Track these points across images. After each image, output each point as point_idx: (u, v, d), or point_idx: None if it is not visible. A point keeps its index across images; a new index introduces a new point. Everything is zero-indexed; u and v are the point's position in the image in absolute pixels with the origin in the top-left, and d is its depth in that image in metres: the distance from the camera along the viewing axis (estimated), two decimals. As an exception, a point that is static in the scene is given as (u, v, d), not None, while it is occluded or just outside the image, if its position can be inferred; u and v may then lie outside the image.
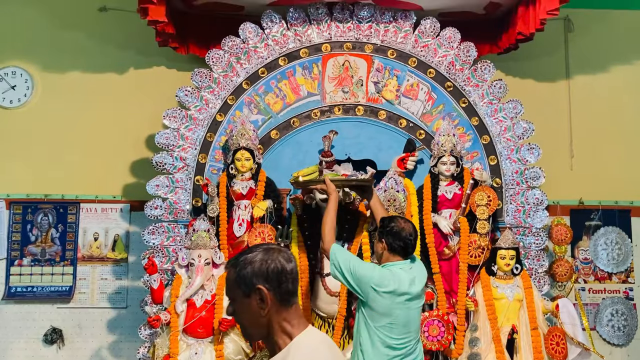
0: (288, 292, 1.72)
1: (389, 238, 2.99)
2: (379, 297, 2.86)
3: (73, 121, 4.57)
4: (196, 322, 3.44)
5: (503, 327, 3.59)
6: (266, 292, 1.69)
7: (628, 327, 4.63)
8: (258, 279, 1.69)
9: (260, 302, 1.69)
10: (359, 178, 3.49)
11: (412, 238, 3.01)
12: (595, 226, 4.70)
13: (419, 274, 3.01)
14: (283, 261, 1.72)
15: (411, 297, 2.92)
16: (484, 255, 3.75)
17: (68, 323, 4.39)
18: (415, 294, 2.94)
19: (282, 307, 1.71)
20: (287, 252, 1.76)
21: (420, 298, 3.00)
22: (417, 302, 2.96)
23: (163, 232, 3.86)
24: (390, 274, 2.92)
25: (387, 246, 3.00)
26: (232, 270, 1.73)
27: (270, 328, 1.70)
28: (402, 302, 2.89)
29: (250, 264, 1.70)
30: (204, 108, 3.96)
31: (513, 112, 4.02)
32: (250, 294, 1.69)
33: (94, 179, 4.53)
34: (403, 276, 2.92)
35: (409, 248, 3.01)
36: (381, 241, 3.04)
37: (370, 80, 4.05)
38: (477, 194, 3.79)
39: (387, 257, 3.01)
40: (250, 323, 1.73)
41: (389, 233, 3.00)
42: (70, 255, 4.45)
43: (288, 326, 1.70)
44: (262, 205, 3.71)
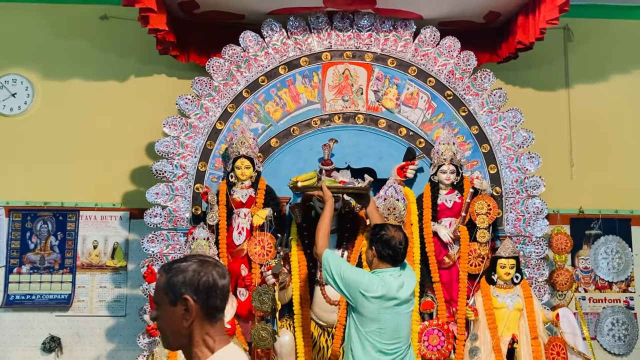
0: (215, 307, 1.72)
1: (378, 246, 3.02)
2: (367, 302, 2.90)
3: (73, 129, 4.57)
4: (195, 331, 3.42)
5: (503, 337, 3.58)
6: (192, 303, 1.69)
7: (629, 336, 4.61)
8: (187, 289, 1.69)
9: (185, 312, 1.69)
10: (356, 186, 3.51)
11: (402, 247, 3.03)
12: (595, 235, 4.70)
13: (407, 279, 3.04)
14: (216, 276, 1.71)
15: (400, 302, 2.95)
16: (484, 264, 3.74)
17: (66, 331, 4.38)
18: (404, 299, 2.97)
19: (207, 321, 1.71)
20: (223, 268, 1.75)
21: (409, 303, 3.02)
22: (406, 306, 2.99)
23: (162, 240, 3.85)
24: (379, 279, 2.96)
25: (376, 254, 3.03)
26: (163, 276, 1.73)
27: (191, 339, 1.70)
28: (390, 307, 2.92)
29: (182, 273, 1.70)
30: (204, 116, 3.96)
31: (513, 121, 4.03)
32: (176, 302, 1.70)
33: (94, 187, 4.52)
34: (392, 282, 2.95)
35: (398, 256, 3.03)
36: (371, 248, 3.07)
37: (370, 88, 4.06)
38: (477, 203, 3.78)
39: (376, 264, 3.05)
40: (171, 331, 1.73)
41: (379, 241, 3.03)
42: (69, 263, 4.44)
43: (210, 340, 1.70)
44: (262, 213, 3.70)
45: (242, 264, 3.65)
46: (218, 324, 1.73)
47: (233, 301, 3.56)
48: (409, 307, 3.02)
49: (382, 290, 2.91)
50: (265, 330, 3.39)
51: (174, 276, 1.71)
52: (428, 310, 3.66)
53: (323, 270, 3.05)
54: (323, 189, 3.37)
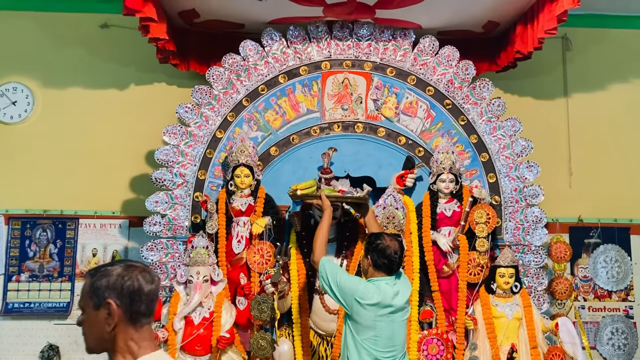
0: (139, 312, 1.70)
1: (374, 255, 3.03)
2: (362, 309, 2.92)
3: (73, 137, 4.58)
4: (194, 340, 3.42)
5: (502, 346, 3.57)
6: (115, 307, 1.68)
7: (628, 345, 4.60)
8: (110, 293, 1.69)
9: (107, 317, 1.68)
10: (354, 195, 3.52)
11: (397, 256, 3.04)
12: (594, 244, 4.69)
13: (403, 287, 3.05)
14: (142, 281, 1.71)
15: (395, 310, 2.97)
16: (483, 273, 3.74)
17: (65, 339, 4.36)
18: (399, 307, 2.99)
19: (131, 327, 1.69)
20: (151, 274, 1.75)
21: (404, 311, 3.04)
22: (401, 314, 3.00)
23: (162, 249, 3.85)
24: (374, 287, 2.98)
25: (372, 262, 3.05)
26: (88, 280, 1.73)
27: (114, 344, 1.69)
28: (385, 315, 2.94)
29: (106, 277, 1.70)
30: (204, 125, 3.97)
31: (512, 130, 4.04)
32: (99, 306, 1.69)
33: (93, 195, 4.52)
34: (387, 290, 2.97)
35: (393, 265, 3.04)
36: (367, 257, 3.08)
37: (370, 97, 4.07)
38: (476, 212, 3.79)
39: (372, 273, 3.06)
40: (93, 335, 1.72)
41: (374, 250, 3.04)
42: (68, 271, 4.43)
43: (135, 346, 1.69)
44: (261, 222, 3.71)
45: (241, 272, 3.65)
46: (144, 329, 1.71)
47: (232, 310, 3.55)
48: (404, 315, 3.04)
49: (377, 298, 2.93)
50: (264, 339, 3.39)
51: (97, 280, 1.70)
52: (427, 319, 3.66)
53: (320, 278, 3.08)
54: (322, 198, 3.40)
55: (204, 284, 3.50)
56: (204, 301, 3.51)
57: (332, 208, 3.38)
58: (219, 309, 3.49)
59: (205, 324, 3.46)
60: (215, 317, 3.47)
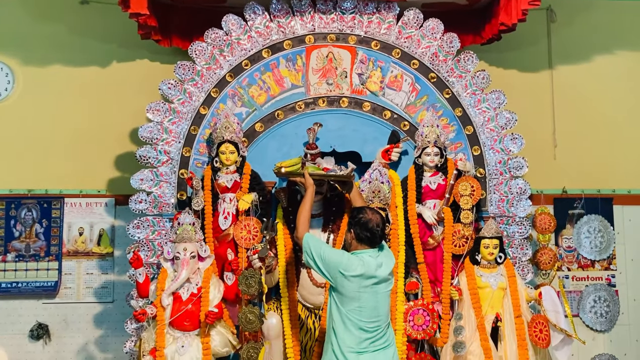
0: None
1: (356, 228, 3.08)
2: (346, 281, 2.97)
3: (56, 115, 4.53)
4: (182, 316, 3.44)
5: (487, 316, 3.63)
6: None
7: (610, 313, 4.70)
8: None
9: None
10: (338, 173, 3.53)
11: (380, 229, 3.09)
12: (578, 215, 4.76)
13: (386, 259, 3.10)
14: None
15: (378, 281, 3.02)
16: (467, 244, 3.78)
17: (54, 318, 4.38)
18: (383, 278, 3.04)
19: None
20: None
21: (387, 282, 3.09)
22: (384, 285, 3.06)
23: (148, 226, 3.85)
24: (357, 259, 3.03)
25: (355, 236, 3.09)
26: None
27: None
28: (369, 286, 2.99)
29: None
30: (188, 101, 3.94)
31: (496, 103, 4.05)
32: None
33: (78, 174, 4.50)
34: (370, 261, 3.02)
35: (376, 238, 3.09)
36: (350, 231, 3.13)
37: (355, 71, 4.05)
38: (461, 184, 3.81)
39: (355, 246, 3.11)
40: None
41: (357, 224, 3.09)
42: (55, 251, 4.42)
43: None
44: (247, 198, 3.71)
45: (229, 248, 3.66)
46: None
47: (220, 285, 3.57)
48: (388, 287, 3.09)
49: (360, 270, 2.97)
50: (252, 313, 3.42)
51: None
52: (413, 290, 3.70)
53: (304, 254, 3.12)
54: (305, 177, 3.41)
55: (191, 260, 3.51)
56: (192, 277, 3.52)
57: (314, 186, 3.40)
58: (207, 285, 3.51)
59: (193, 299, 3.48)
60: (203, 293, 3.49)
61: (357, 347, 2.97)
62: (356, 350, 2.97)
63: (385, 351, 3.03)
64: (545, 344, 3.61)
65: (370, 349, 2.99)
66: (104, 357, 4.39)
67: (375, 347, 3.00)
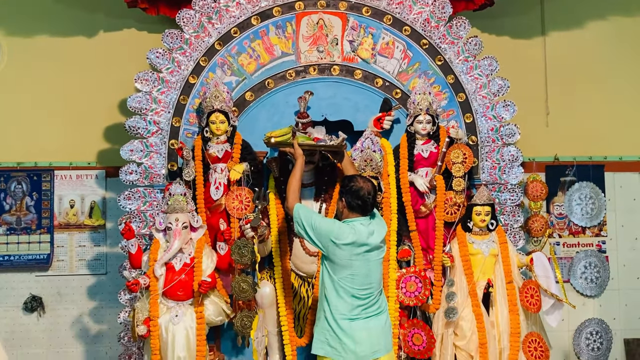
0: None
1: (348, 197, 3.08)
2: (338, 249, 2.98)
3: (43, 87, 4.47)
4: (175, 286, 3.45)
5: (479, 282, 3.66)
6: None
7: (600, 278, 4.76)
8: None
9: None
10: (328, 143, 3.49)
11: (371, 197, 3.09)
12: (570, 182, 4.78)
13: (378, 227, 3.11)
14: None
15: (370, 249, 3.03)
16: (459, 212, 3.79)
17: (48, 291, 4.38)
18: (374, 246, 3.05)
19: None
20: None
21: (379, 250, 3.10)
22: (376, 253, 3.07)
23: (139, 197, 3.83)
24: (349, 227, 3.03)
25: (346, 204, 3.09)
26: None
27: None
28: (361, 254, 3.00)
29: None
30: (176, 70, 3.88)
31: (488, 69, 4.02)
32: None
33: (68, 146, 4.46)
34: (361, 229, 3.03)
35: (367, 206, 3.09)
36: (341, 200, 3.13)
37: (346, 38, 3.99)
38: (453, 152, 3.80)
39: (346, 214, 3.11)
40: None
41: (348, 192, 3.09)
42: (46, 223, 4.40)
43: None
44: (239, 168, 3.69)
45: (221, 218, 3.65)
46: None
47: (213, 255, 3.57)
48: (380, 254, 3.10)
49: (352, 237, 2.98)
50: (245, 282, 3.43)
51: None
52: (405, 258, 3.72)
53: (295, 224, 3.12)
54: (294, 147, 3.38)
55: (183, 230, 3.50)
56: (184, 247, 3.52)
57: (304, 157, 3.37)
58: (200, 255, 3.51)
59: (186, 269, 3.48)
60: (196, 263, 3.49)
61: (349, 314, 2.99)
62: (349, 317, 2.99)
63: (378, 317, 3.06)
64: (536, 309, 3.65)
65: (363, 316, 3.01)
66: (99, 328, 4.41)
67: (367, 313, 3.03)
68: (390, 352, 3.10)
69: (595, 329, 4.69)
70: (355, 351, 2.96)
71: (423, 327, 3.57)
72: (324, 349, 3.01)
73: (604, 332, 4.70)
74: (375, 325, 3.04)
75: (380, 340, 3.03)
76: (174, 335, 3.39)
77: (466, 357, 3.56)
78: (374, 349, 3.00)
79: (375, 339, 3.02)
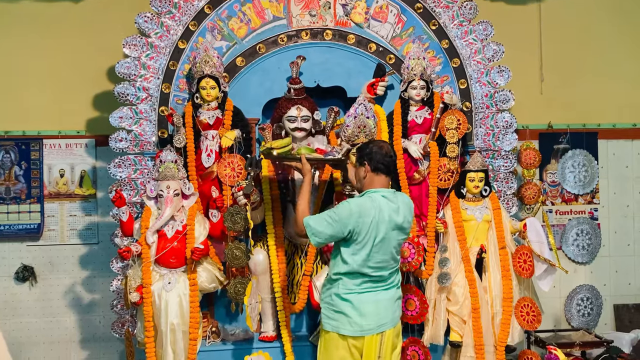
0: None
1: (371, 160, 2.95)
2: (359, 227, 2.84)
3: (29, 54, 4.36)
4: (168, 253, 3.43)
5: (472, 248, 3.66)
6: None
7: (592, 245, 4.78)
8: None
9: None
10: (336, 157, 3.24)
11: (392, 156, 3.01)
12: (563, 149, 4.76)
13: (403, 204, 2.96)
14: None
15: (393, 227, 2.90)
16: (453, 178, 3.78)
17: (39, 260, 4.35)
18: (397, 224, 2.91)
19: None
20: None
21: (401, 230, 2.94)
22: (396, 233, 2.92)
23: (130, 165, 3.78)
24: (370, 201, 2.88)
25: (370, 168, 2.94)
26: None
27: None
28: (383, 231, 2.87)
29: None
30: (165, 35, 3.80)
31: (483, 34, 3.96)
32: None
33: (56, 114, 4.38)
34: (384, 205, 2.88)
35: (391, 166, 3.00)
36: (363, 164, 2.97)
37: (338, 2, 3.92)
38: (447, 118, 3.77)
39: (371, 179, 2.96)
40: None
41: (368, 155, 2.96)
42: (36, 193, 4.35)
43: None
44: (230, 134, 3.64)
45: (213, 186, 3.62)
46: None
47: (205, 223, 3.55)
48: (400, 235, 2.94)
49: (373, 213, 2.84)
50: (238, 249, 3.40)
51: None
52: (399, 224, 3.70)
53: (313, 238, 2.88)
54: (302, 162, 3.14)
55: (174, 197, 3.46)
56: (176, 215, 3.49)
57: (312, 172, 3.14)
58: (192, 222, 3.48)
59: (178, 237, 3.46)
60: (189, 230, 3.46)
61: (358, 289, 2.91)
62: (357, 291, 2.90)
63: (387, 291, 2.96)
64: (529, 274, 3.67)
65: (372, 289, 2.92)
66: (91, 297, 4.40)
67: (377, 287, 2.93)
68: (397, 325, 3.00)
69: (586, 295, 4.74)
70: (361, 324, 2.89)
71: (416, 292, 3.58)
72: (330, 324, 2.94)
73: (594, 298, 4.75)
74: (384, 298, 2.94)
75: (387, 314, 2.93)
76: (167, 302, 3.38)
77: (459, 322, 3.58)
78: (381, 322, 2.91)
79: (383, 311, 2.92)
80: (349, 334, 2.90)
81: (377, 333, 2.91)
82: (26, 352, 4.28)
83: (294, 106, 3.67)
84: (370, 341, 2.90)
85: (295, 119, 3.66)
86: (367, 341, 2.90)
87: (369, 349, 2.91)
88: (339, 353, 2.93)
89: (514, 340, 3.65)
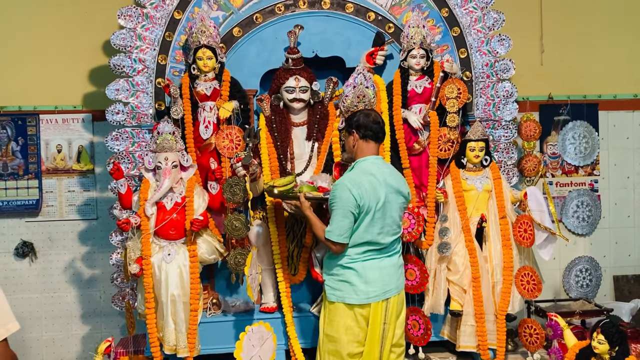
0: None
1: (359, 128, 3.03)
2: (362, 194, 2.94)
3: (22, 27, 4.31)
4: (167, 225, 3.41)
5: (472, 217, 3.65)
6: None
7: (592, 217, 4.78)
8: None
9: None
10: None
11: (380, 122, 3.06)
12: (563, 121, 4.74)
13: (393, 169, 3.09)
14: None
15: (390, 190, 2.99)
16: (453, 148, 3.75)
17: (38, 236, 4.34)
18: (393, 187, 3.00)
19: None
20: None
21: (399, 193, 3.03)
22: (394, 196, 3.01)
23: (127, 138, 3.75)
24: (360, 170, 2.95)
25: (359, 136, 3.03)
26: None
27: None
28: (383, 193, 2.96)
29: None
30: (161, 5, 3.74)
31: (483, 2, 3.91)
32: None
33: (52, 89, 4.34)
34: (374, 170, 2.96)
35: (379, 133, 3.06)
36: (351, 133, 3.05)
37: (336, -29, 3.86)
38: (447, 87, 3.73)
39: (361, 146, 3.04)
40: None
41: (356, 123, 3.04)
42: (34, 169, 4.32)
43: None
44: (228, 106, 3.60)
45: (211, 157, 3.58)
46: None
47: (204, 194, 3.52)
48: (398, 199, 3.02)
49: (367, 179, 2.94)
50: (238, 220, 3.38)
51: None
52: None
53: (344, 239, 2.93)
54: (301, 200, 3.17)
55: (173, 169, 3.44)
56: (175, 187, 3.47)
57: (311, 209, 3.18)
58: (191, 194, 3.46)
59: (177, 208, 3.43)
60: (188, 202, 3.44)
61: (361, 257, 2.95)
62: (361, 259, 2.95)
63: (391, 258, 3.02)
64: (529, 243, 3.65)
65: (376, 257, 2.98)
66: (91, 272, 4.40)
67: (380, 254, 2.99)
68: (402, 291, 3.06)
69: (585, 266, 4.74)
70: (367, 291, 2.92)
71: (416, 262, 3.58)
72: (334, 295, 2.97)
73: (593, 270, 4.75)
74: (388, 264, 2.99)
75: (392, 280, 2.98)
76: (167, 273, 3.37)
77: (459, 292, 3.58)
78: (385, 288, 2.95)
79: (387, 278, 2.97)
80: (355, 302, 2.92)
81: (382, 300, 2.94)
82: (28, 327, 4.28)
83: (292, 76, 3.64)
84: (376, 308, 2.92)
85: (293, 90, 3.63)
86: (373, 308, 2.92)
87: (375, 316, 2.93)
88: (345, 322, 2.95)
89: (514, 309, 3.65)
